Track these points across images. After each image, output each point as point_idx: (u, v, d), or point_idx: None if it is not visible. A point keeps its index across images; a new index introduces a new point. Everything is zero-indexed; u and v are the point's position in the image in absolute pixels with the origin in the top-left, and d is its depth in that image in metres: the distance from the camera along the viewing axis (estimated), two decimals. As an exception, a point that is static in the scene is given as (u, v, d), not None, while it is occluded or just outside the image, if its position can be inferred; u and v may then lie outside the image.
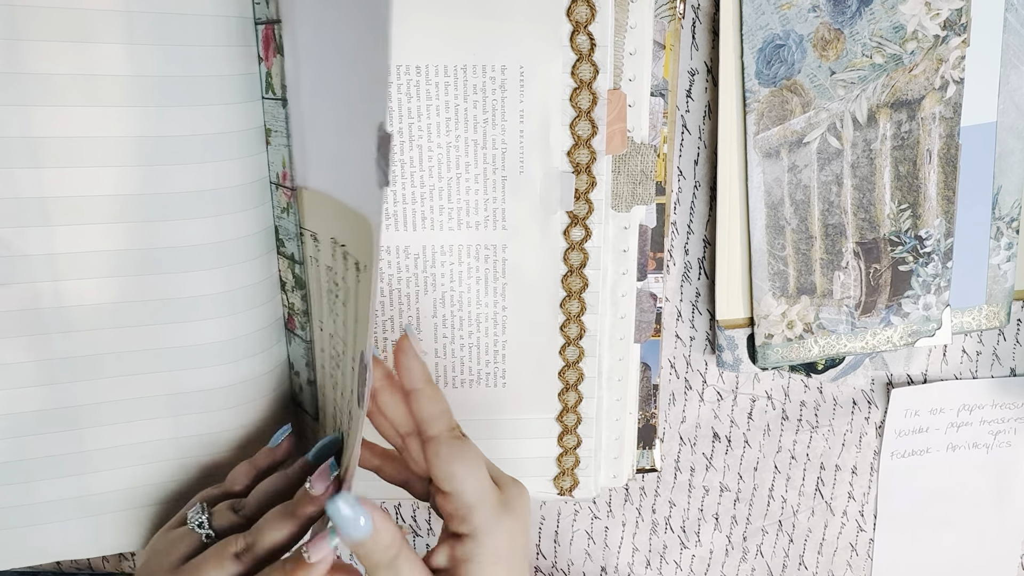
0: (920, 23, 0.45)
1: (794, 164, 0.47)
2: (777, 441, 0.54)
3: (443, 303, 0.45)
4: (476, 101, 0.42)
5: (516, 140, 0.43)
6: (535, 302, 0.45)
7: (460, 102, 0.42)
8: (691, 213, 0.49)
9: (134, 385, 0.40)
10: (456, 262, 0.44)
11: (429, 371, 0.38)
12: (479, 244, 0.44)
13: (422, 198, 0.43)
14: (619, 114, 0.43)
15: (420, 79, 0.41)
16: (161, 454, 0.42)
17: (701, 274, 0.50)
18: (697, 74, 0.46)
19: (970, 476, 0.57)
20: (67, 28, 0.35)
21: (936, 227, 0.48)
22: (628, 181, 0.44)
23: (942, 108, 0.47)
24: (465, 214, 0.44)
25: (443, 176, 0.43)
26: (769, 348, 0.49)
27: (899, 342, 0.50)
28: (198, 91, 0.38)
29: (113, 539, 0.43)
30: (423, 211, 0.43)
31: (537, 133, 0.42)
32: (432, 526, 0.54)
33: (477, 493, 0.35)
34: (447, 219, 0.43)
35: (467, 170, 0.43)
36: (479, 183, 0.43)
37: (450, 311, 0.45)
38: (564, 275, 0.45)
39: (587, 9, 0.41)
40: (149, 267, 0.39)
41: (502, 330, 0.46)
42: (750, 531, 0.56)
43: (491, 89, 0.42)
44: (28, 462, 0.40)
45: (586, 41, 0.41)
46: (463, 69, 0.41)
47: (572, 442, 0.48)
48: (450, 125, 0.42)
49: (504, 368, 0.47)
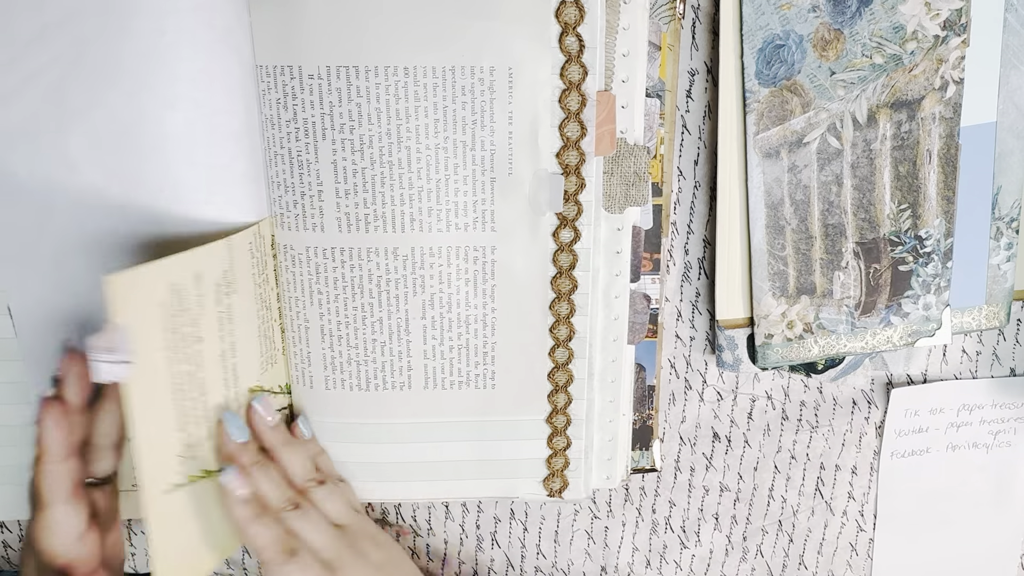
0: (920, 23, 0.45)
1: (794, 164, 0.47)
2: (777, 441, 0.54)
3: (432, 304, 0.45)
4: (464, 103, 0.42)
5: (505, 142, 0.42)
6: (524, 304, 0.45)
7: (448, 103, 0.42)
8: (691, 213, 0.49)
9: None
10: (445, 264, 0.44)
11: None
12: (468, 246, 0.44)
13: (411, 199, 0.43)
14: (608, 115, 0.43)
15: (408, 80, 0.41)
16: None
17: (701, 274, 0.50)
18: (697, 74, 0.46)
19: (970, 476, 0.57)
20: None
21: (936, 227, 0.48)
22: (621, 183, 0.44)
23: (942, 108, 0.47)
24: (454, 215, 0.43)
25: (432, 178, 0.43)
26: (769, 348, 0.49)
27: (899, 342, 0.50)
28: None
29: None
30: (412, 212, 0.43)
31: (526, 135, 0.42)
32: (432, 526, 0.54)
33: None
34: (436, 221, 0.43)
35: (456, 172, 0.43)
36: (468, 185, 0.43)
37: (439, 312, 0.45)
38: (553, 277, 0.45)
39: (576, 10, 0.41)
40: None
41: (491, 332, 0.46)
42: (750, 531, 0.56)
43: (480, 91, 0.42)
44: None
45: (575, 42, 0.41)
46: (451, 71, 0.41)
47: (562, 444, 0.48)
48: (438, 127, 0.42)
49: (493, 370, 0.46)
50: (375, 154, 0.42)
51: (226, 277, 0.41)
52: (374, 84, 0.41)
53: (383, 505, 0.53)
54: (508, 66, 0.41)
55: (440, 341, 0.46)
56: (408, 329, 0.45)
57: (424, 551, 0.55)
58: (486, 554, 0.55)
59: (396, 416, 0.47)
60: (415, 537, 0.54)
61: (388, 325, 0.45)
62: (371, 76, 0.41)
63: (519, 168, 0.43)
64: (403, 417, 0.47)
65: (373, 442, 0.47)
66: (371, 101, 0.41)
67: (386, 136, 0.42)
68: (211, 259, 0.40)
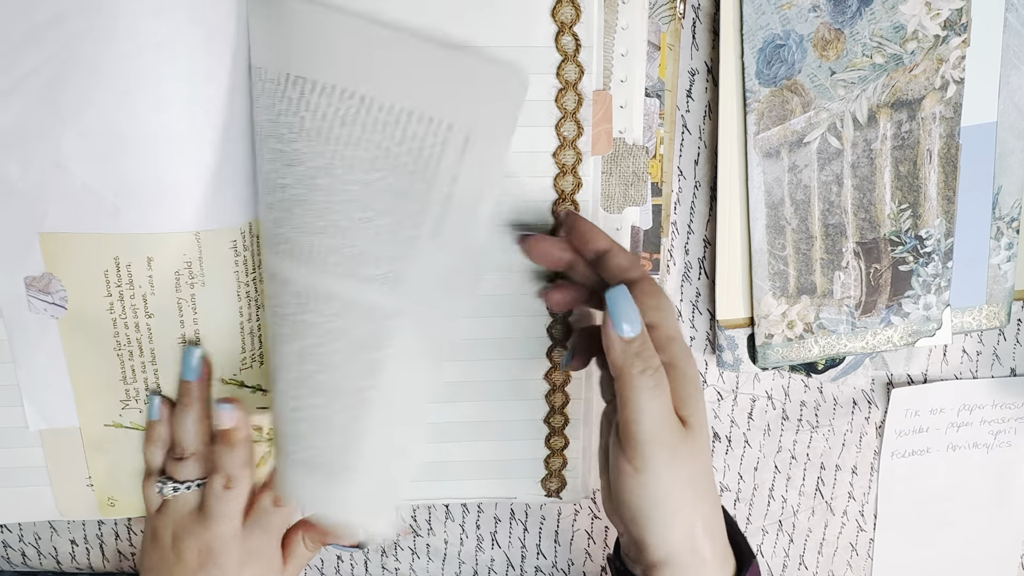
0: (920, 23, 0.45)
1: (794, 164, 0.47)
2: (777, 441, 0.54)
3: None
4: (411, 150, 0.40)
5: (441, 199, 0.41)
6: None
7: (394, 145, 0.40)
8: (691, 213, 0.49)
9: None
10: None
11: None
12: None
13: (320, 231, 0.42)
14: (605, 115, 0.43)
15: (361, 109, 0.40)
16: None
17: (701, 274, 0.50)
18: (697, 74, 0.46)
19: (970, 476, 0.57)
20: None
21: (936, 227, 0.48)
22: (620, 183, 0.44)
23: (942, 108, 0.47)
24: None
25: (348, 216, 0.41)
26: (769, 348, 0.49)
27: (899, 342, 0.50)
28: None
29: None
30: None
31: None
32: (432, 526, 0.54)
33: (653, 429, 0.37)
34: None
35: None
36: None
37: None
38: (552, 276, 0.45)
39: (572, 10, 0.41)
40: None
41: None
42: (750, 531, 0.56)
43: (430, 144, 0.39)
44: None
45: (571, 42, 0.41)
46: (408, 114, 0.39)
47: (559, 444, 0.48)
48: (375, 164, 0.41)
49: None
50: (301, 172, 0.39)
51: (191, 268, 0.42)
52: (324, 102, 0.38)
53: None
54: (466, 134, 0.37)
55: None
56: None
57: (424, 551, 0.54)
58: (486, 554, 0.55)
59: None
60: (415, 537, 0.54)
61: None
62: (324, 94, 0.38)
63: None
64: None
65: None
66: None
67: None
68: (167, 247, 0.41)
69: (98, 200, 0.40)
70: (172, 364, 0.44)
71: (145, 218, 0.41)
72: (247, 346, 0.45)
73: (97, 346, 0.43)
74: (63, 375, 0.44)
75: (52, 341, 0.43)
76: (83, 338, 0.43)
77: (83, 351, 0.44)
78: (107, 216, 0.41)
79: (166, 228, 0.41)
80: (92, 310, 0.42)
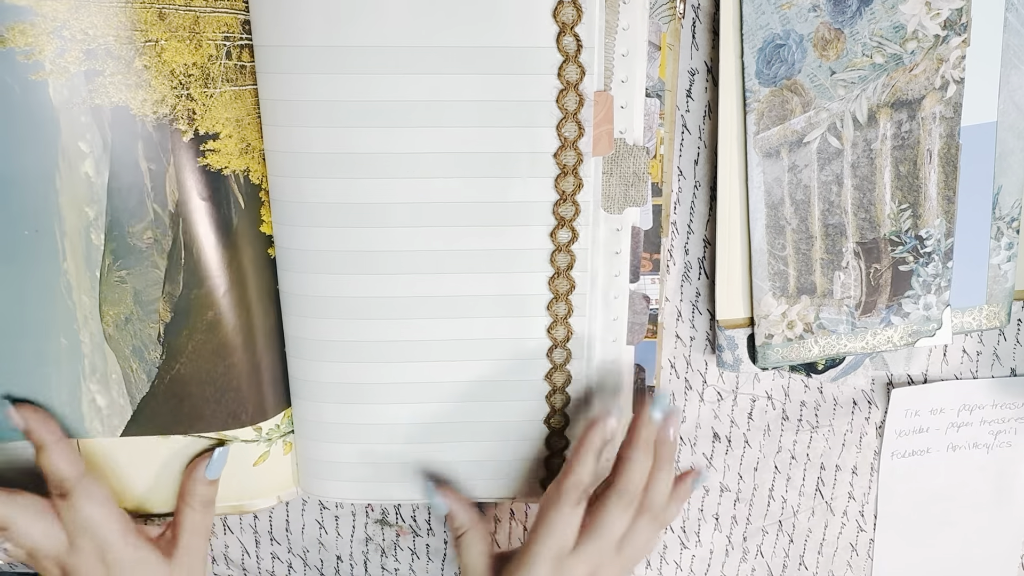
0: (920, 23, 0.45)
1: (794, 164, 0.47)
2: (777, 441, 0.54)
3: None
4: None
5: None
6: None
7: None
8: (691, 213, 0.49)
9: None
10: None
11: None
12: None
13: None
14: (606, 115, 0.43)
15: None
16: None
17: (701, 274, 0.50)
18: (697, 74, 0.46)
19: (970, 476, 0.57)
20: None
21: (936, 227, 0.48)
22: (620, 183, 0.44)
23: (942, 108, 0.47)
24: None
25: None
26: (769, 348, 0.49)
27: (899, 342, 0.50)
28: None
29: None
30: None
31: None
32: (432, 526, 0.54)
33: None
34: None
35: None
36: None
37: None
38: (551, 277, 0.45)
39: (574, 10, 0.41)
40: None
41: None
42: (750, 531, 0.56)
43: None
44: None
45: (572, 42, 0.41)
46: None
47: (560, 444, 0.48)
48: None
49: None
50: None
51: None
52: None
53: (383, 505, 0.53)
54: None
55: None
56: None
57: (424, 551, 0.54)
58: (486, 554, 0.55)
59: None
60: (415, 537, 0.54)
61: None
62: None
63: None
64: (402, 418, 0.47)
65: (373, 443, 0.47)
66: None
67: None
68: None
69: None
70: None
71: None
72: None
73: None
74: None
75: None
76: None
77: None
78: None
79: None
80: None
